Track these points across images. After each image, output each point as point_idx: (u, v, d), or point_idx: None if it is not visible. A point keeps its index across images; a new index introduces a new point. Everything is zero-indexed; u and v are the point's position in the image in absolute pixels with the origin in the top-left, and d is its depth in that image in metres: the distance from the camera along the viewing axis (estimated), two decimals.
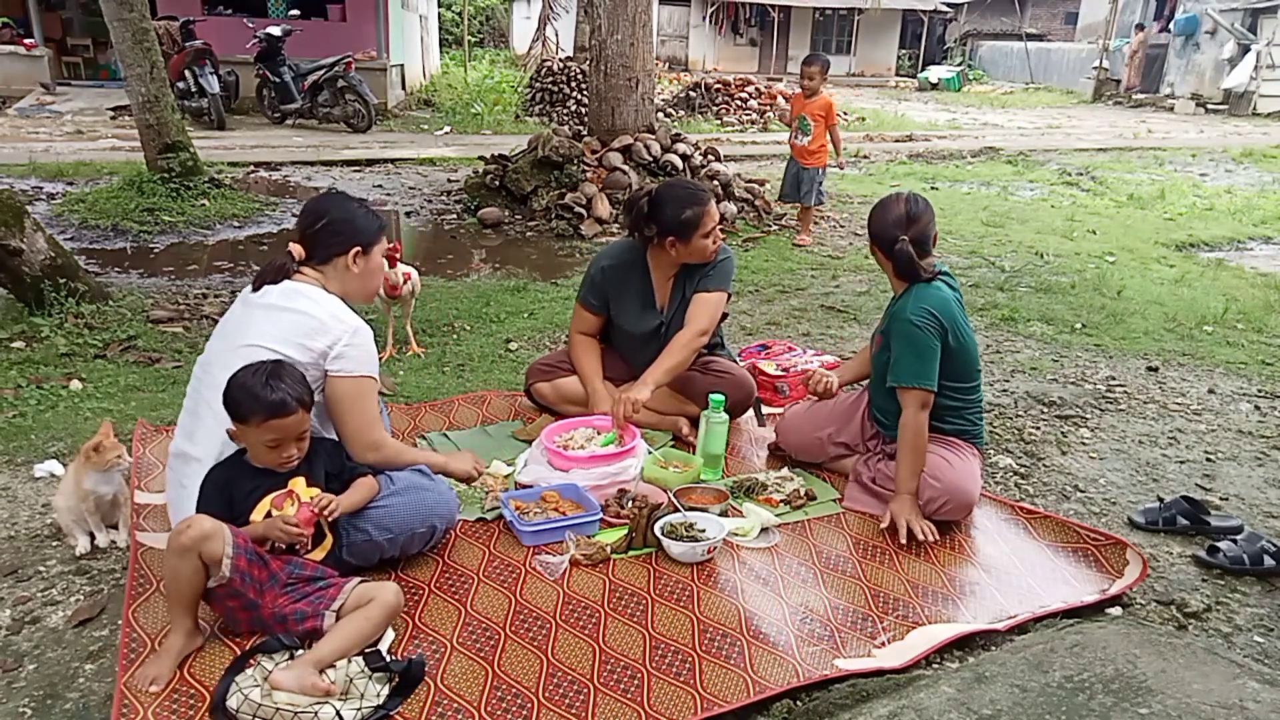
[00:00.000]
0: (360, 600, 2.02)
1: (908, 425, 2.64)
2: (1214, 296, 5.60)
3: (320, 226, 2.41)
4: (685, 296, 3.21)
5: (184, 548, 1.90)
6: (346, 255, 2.41)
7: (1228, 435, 3.56)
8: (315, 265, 2.41)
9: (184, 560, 1.91)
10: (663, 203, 3.08)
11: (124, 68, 6.84)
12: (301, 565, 2.09)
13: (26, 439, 3.12)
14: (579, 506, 2.67)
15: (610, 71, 7.32)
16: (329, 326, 2.28)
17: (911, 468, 2.64)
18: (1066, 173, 10.92)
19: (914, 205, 2.73)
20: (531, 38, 21.50)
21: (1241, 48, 19.57)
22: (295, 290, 2.34)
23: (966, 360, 2.74)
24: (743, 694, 1.97)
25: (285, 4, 14.43)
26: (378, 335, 4.24)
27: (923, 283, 2.70)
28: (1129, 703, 1.82)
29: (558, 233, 6.91)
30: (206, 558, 1.91)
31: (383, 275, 2.56)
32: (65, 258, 4.54)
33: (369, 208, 2.54)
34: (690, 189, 3.16)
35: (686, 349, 3.10)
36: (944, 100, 23.33)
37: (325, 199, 2.50)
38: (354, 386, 2.32)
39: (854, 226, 7.55)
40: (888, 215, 2.74)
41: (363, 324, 2.35)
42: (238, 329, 2.32)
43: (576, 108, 14.11)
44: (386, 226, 2.57)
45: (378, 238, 2.48)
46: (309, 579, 2.08)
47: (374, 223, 2.49)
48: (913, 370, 2.63)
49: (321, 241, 2.41)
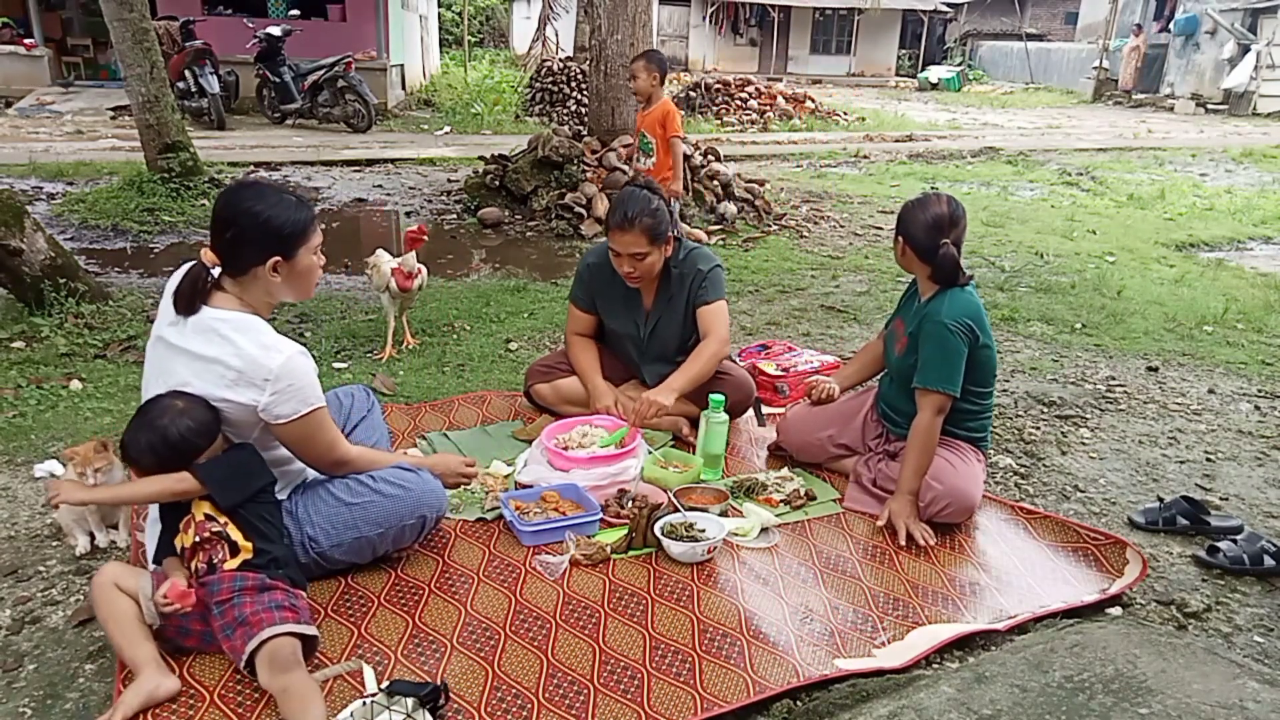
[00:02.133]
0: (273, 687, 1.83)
1: (921, 427, 2.63)
2: (1214, 296, 5.60)
3: (231, 236, 2.08)
4: (672, 300, 3.21)
5: (100, 585, 1.95)
6: (264, 265, 2.09)
7: (1228, 435, 3.56)
8: (233, 276, 2.10)
9: (109, 597, 1.94)
10: (613, 205, 3.11)
11: (124, 68, 6.84)
12: (219, 582, 1.94)
13: (26, 439, 3.12)
14: (579, 506, 2.67)
15: (610, 71, 7.32)
16: (249, 376, 2.01)
17: (917, 468, 2.63)
18: (1066, 173, 10.92)
19: (955, 206, 2.64)
20: (531, 38, 21.50)
21: (1241, 48, 19.56)
22: (210, 326, 2.05)
23: (989, 367, 2.74)
24: (743, 694, 1.97)
25: (285, 4, 14.43)
26: (378, 335, 4.27)
27: (958, 287, 2.66)
28: (1129, 703, 1.82)
29: (558, 233, 6.91)
30: (134, 597, 1.94)
31: (316, 274, 2.22)
32: (65, 258, 4.54)
33: (292, 197, 2.16)
34: (620, 204, 3.05)
35: (712, 359, 3.10)
36: (944, 100, 23.33)
37: (234, 197, 2.11)
38: (299, 427, 2.10)
39: (854, 226, 7.55)
40: (926, 215, 2.63)
41: (290, 355, 2.05)
42: (160, 374, 2.08)
43: (576, 108, 14.11)
44: (314, 219, 2.18)
45: (302, 238, 2.13)
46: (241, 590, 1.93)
47: (295, 221, 2.11)
48: (940, 374, 2.61)
49: (234, 253, 2.09)
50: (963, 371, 2.62)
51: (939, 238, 2.61)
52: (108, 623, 1.95)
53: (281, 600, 1.94)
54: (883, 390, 2.98)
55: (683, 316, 3.22)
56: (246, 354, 2.02)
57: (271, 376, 2.02)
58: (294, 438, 2.13)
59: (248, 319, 2.08)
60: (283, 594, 1.96)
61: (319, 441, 2.18)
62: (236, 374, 2.01)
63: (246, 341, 2.03)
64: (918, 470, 2.63)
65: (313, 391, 2.10)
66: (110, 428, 3.19)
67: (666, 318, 3.24)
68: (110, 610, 1.94)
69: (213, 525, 1.99)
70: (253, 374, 2.01)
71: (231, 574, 1.95)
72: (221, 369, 2.02)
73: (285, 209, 2.11)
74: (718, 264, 3.23)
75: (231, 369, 2.01)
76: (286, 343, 2.08)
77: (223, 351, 2.02)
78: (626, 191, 3.12)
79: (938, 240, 2.61)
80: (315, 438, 2.16)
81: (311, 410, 2.10)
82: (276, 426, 2.08)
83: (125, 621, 1.93)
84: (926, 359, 2.63)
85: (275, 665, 1.83)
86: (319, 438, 2.17)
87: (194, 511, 2.01)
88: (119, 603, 1.95)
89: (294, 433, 2.11)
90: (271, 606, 1.91)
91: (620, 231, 3.01)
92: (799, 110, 16.29)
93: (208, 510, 2.00)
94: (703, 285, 3.16)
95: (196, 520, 2.00)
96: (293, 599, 1.97)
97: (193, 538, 1.99)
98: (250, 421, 2.08)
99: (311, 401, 2.10)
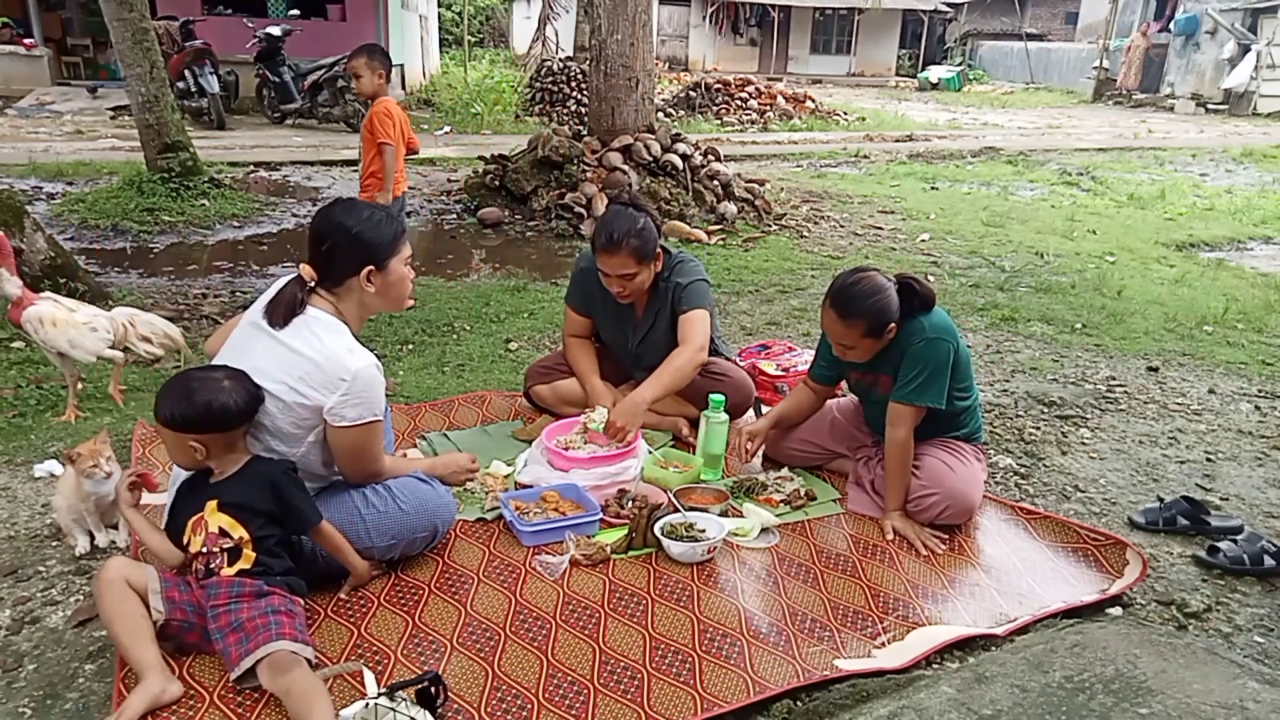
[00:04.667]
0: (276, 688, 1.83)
1: (899, 444, 2.66)
2: (1214, 296, 5.60)
3: (326, 249, 2.22)
4: (660, 311, 3.18)
5: (107, 581, 1.91)
6: (359, 276, 2.23)
7: (1228, 435, 3.56)
8: (328, 288, 2.24)
9: (118, 594, 1.90)
10: (598, 225, 3.05)
11: (124, 68, 6.85)
12: (216, 586, 1.95)
13: (26, 439, 3.12)
14: (579, 506, 2.67)
15: (610, 71, 7.32)
16: (328, 377, 2.11)
17: (903, 486, 2.69)
18: (1066, 173, 10.92)
19: (863, 270, 2.68)
20: (531, 38, 21.50)
21: (1241, 48, 19.57)
22: (303, 322, 2.17)
23: (968, 366, 2.78)
24: (743, 694, 1.97)
25: (285, 4, 14.45)
26: (376, 336, 4.28)
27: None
28: (1129, 703, 1.82)
29: (558, 233, 6.91)
30: (141, 593, 1.92)
31: (408, 285, 2.36)
32: (65, 257, 4.54)
33: (382, 213, 2.31)
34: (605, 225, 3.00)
35: (681, 369, 3.00)
36: (944, 100, 23.33)
37: (330, 215, 2.26)
38: (359, 434, 2.18)
39: (854, 226, 7.55)
40: (872, 287, 2.61)
41: (366, 364, 2.15)
42: (238, 353, 2.17)
43: (576, 108, 14.11)
44: (403, 231, 2.34)
45: (394, 249, 2.28)
46: (238, 596, 1.94)
47: (387, 233, 2.27)
48: (931, 390, 2.63)
49: (330, 265, 2.23)
50: (948, 381, 2.66)
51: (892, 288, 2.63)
52: (113, 621, 1.91)
53: (278, 605, 1.95)
54: (869, 418, 2.97)
55: (671, 327, 3.17)
56: (331, 352, 2.12)
57: (349, 378, 2.11)
58: (348, 443, 2.20)
59: (339, 324, 2.22)
60: (279, 599, 1.97)
61: (369, 451, 2.26)
62: (315, 368, 2.11)
63: (335, 341, 2.15)
64: (903, 488, 2.69)
65: (379, 402, 2.20)
66: (110, 427, 3.19)
67: (656, 329, 3.21)
68: (118, 609, 1.91)
69: (225, 541, 2.00)
70: (332, 372, 2.11)
71: (229, 579, 1.96)
72: (304, 362, 2.11)
73: (376, 223, 2.26)
74: (702, 277, 3.16)
75: (312, 363, 2.11)
76: (367, 353, 2.19)
77: (310, 346, 2.13)
78: (612, 211, 3.06)
79: (893, 290, 2.63)
80: (367, 447, 2.24)
81: (374, 420, 2.20)
82: (337, 430, 2.16)
83: (131, 621, 1.90)
84: (914, 376, 2.64)
85: (275, 669, 1.84)
86: (370, 448, 2.25)
87: (206, 518, 2.01)
88: (127, 601, 1.91)
89: (351, 438, 2.19)
90: (268, 612, 1.92)
91: (607, 254, 2.98)
92: (799, 110, 16.30)
93: (224, 524, 2.01)
94: (681, 296, 3.11)
95: (209, 531, 2.00)
96: (289, 604, 1.98)
97: (201, 545, 2.00)
98: (310, 424, 2.14)
99: (376, 411, 2.19)
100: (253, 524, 2.02)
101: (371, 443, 2.24)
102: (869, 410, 2.95)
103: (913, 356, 2.64)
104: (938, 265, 6.27)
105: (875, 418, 2.89)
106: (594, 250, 3.06)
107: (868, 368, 2.79)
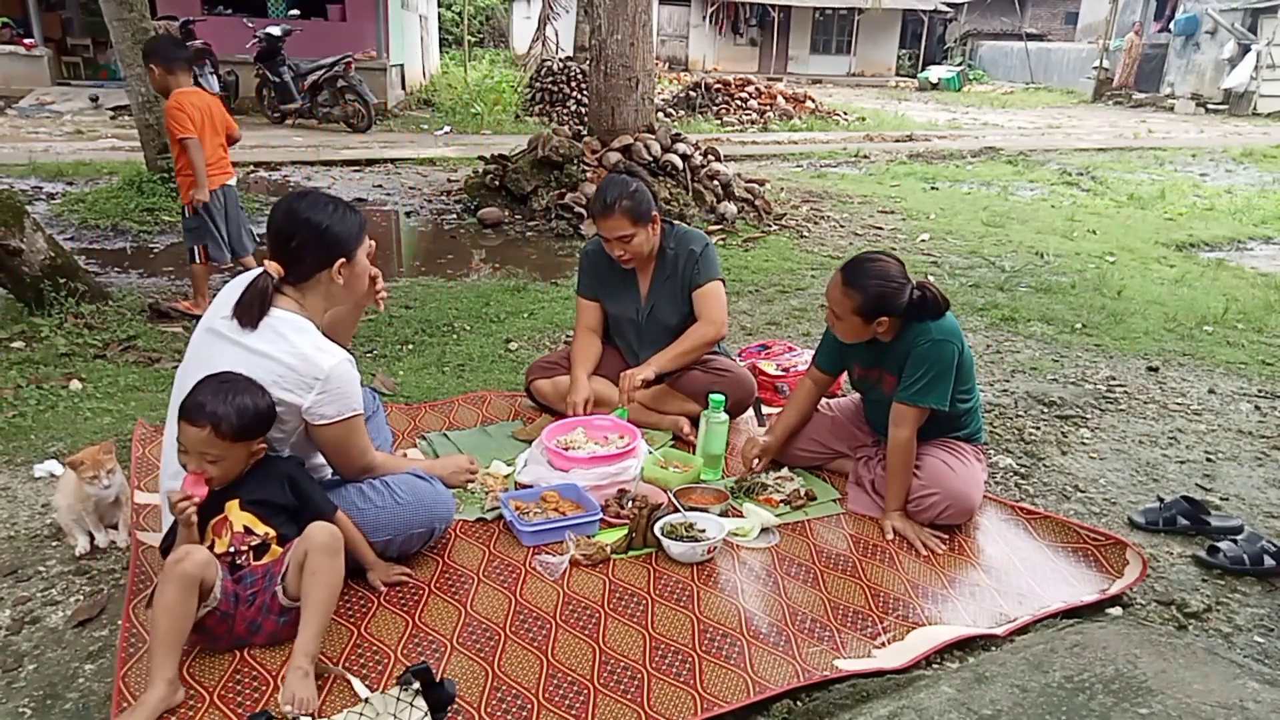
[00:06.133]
0: (299, 560, 1.95)
1: (901, 445, 2.66)
2: (1214, 296, 5.59)
3: (295, 245, 2.17)
4: (668, 280, 3.26)
5: (188, 575, 1.83)
6: (330, 269, 2.20)
7: (1228, 435, 3.56)
8: (294, 284, 2.20)
9: (188, 591, 1.84)
10: (594, 193, 3.21)
11: (124, 68, 6.85)
12: (254, 574, 2.02)
13: (26, 439, 3.12)
14: (579, 506, 2.67)
15: (610, 71, 7.32)
16: (301, 378, 2.08)
17: (903, 487, 2.69)
18: (1066, 173, 10.92)
19: (890, 257, 2.69)
20: (531, 38, 21.51)
21: (1241, 48, 19.57)
22: (269, 323, 2.12)
23: (970, 368, 2.79)
24: (743, 694, 1.97)
25: (285, 4, 14.44)
26: (377, 336, 4.27)
27: None
28: (1129, 703, 1.82)
29: (558, 233, 6.91)
30: (205, 585, 1.90)
31: (368, 275, 2.35)
32: (65, 257, 4.54)
33: (343, 205, 2.27)
34: (600, 191, 3.15)
35: (699, 340, 3.18)
36: (944, 100, 23.33)
37: (295, 211, 2.19)
38: (339, 430, 2.18)
39: (854, 226, 7.55)
40: (886, 271, 2.62)
41: (338, 361, 2.13)
42: (202, 363, 2.11)
43: (576, 108, 14.11)
44: (364, 222, 2.32)
45: (359, 240, 2.27)
46: (272, 576, 2.02)
47: (353, 224, 2.25)
48: (936, 391, 2.63)
49: (299, 261, 2.18)
50: (952, 382, 2.66)
51: (908, 283, 2.63)
52: (166, 613, 1.83)
53: None
54: (870, 417, 2.98)
55: (679, 298, 3.27)
56: (302, 353, 2.10)
57: (322, 376, 2.10)
58: (331, 440, 2.20)
59: (305, 322, 2.18)
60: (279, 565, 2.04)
61: (354, 446, 2.26)
62: (288, 370, 2.08)
63: (303, 341, 2.12)
64: (905, 488, 2.69)
65: (356, 397, 2.19)
66: (110, 427, 3.19)
67: (664, 299, 3.28)
68: (179, 606, 1.84)
69: (252, 539, 2.04)
70: (305, 372, 2.09)
71: (261, 566, 2.04)
72: (274, 365, 2.08)
73: (341, 214, 2.23)
74: (709, 243, 3.28)
75: (284, 365, 2.08)
76: (337, 348, 2.17)
77: (278, 348, 2.10)
78: (607, 178, 3.22)
79: (909, 286, 2.63)
80: (351, 441, 2.24)
81: (353, 415, 2.19)
82: (318, 428, 2.16)
83: (180, 622, 1.84)
84: (919, 377, 2.64)
85: (299, 554, 1.95)
86: (354, 442, 2.25)
87: (230, 517, 2.03)
88: (189, 603, 1.85)
89: (333, 435, 2.19)
90: None
91: (603, 217, 3.12)
92: (799, 110, 16.30)
93: (248, 522, 2.04)
94: (696, 266, 3.21)
95: (235, 530, 2.03)
96: None
97: (228, 545, 2.02)
98: (291, 424, 2.14)
99: (354, 406, 2.19)
100: (275, 520, 2.07)
101: (356, 437, 2.25)
102: (870, 408, 2.95)
103: (918, 357, 2.65)
104: (938, 265, 6.27)
105: (876, 416, 2.89)
106: (592, 217, 3.19)
107: (872, 364, 2.80)
